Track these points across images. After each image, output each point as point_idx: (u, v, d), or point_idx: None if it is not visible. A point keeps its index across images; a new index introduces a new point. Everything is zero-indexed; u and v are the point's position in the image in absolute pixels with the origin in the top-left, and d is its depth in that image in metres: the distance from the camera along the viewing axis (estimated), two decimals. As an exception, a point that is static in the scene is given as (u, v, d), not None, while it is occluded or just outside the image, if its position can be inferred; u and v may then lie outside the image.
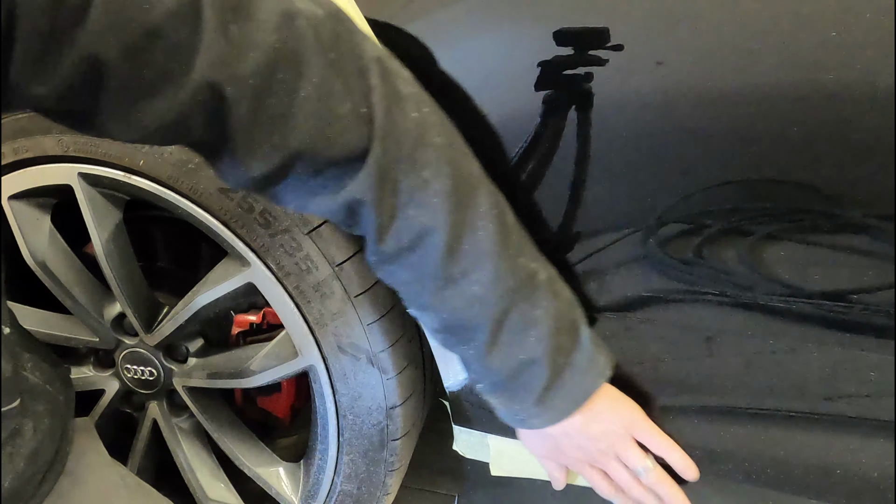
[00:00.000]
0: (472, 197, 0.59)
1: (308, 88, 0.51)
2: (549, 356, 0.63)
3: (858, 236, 0.64)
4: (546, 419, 0.67)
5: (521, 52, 0.66)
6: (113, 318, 1.00)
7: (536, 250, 0.65)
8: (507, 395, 0.67)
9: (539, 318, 0.63)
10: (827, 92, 0.59)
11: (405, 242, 0.59)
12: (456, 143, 0.61)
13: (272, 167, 0.54)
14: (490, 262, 0.60)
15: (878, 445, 0.69)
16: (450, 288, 0.60)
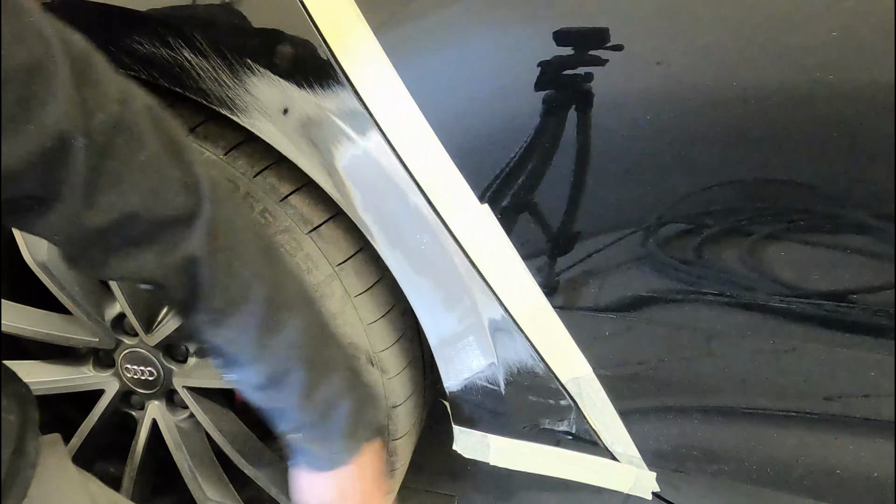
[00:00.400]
0: (272, 257, 0.66)
1: (145, 154, 0.56)
2: (348, 391, 0.69)
3: (858, 236, 0.64)
4: (353, 450, 0.71)
5: (521, 52, 0.66)
6: (113, 318, 1.00)
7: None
8: (324, 429, 0.70)
9: (337, 358, 0.69)
10: (827, 92, 0.59)
11: (236, 296, 0.63)
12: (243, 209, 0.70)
13: (108, 222, 0.56)
14: (304, 307, 0.67)
15: (878, 445, 0.69)
16: (274, 336, 0.65)
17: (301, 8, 0.69)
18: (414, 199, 0.73)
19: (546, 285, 0.74)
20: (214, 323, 0.65)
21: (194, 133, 0.80)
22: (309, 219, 0.80)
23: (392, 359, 0.86)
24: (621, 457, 0.80)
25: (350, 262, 0.82)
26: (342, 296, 0.82)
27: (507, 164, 0.70)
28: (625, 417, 0.77)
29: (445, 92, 0.69)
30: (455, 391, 0.83)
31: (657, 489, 0.79)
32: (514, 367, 0.78)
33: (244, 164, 0.80)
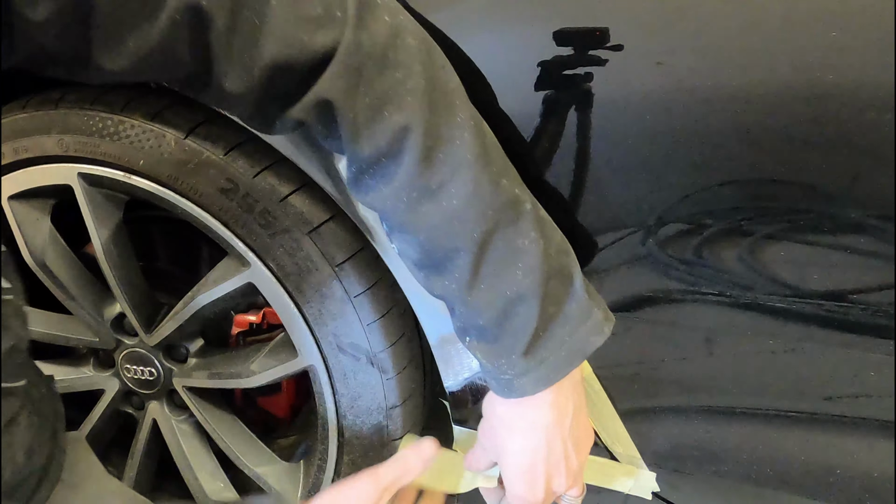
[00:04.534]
0: (447, 105, 0.57)
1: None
2: (539, 296, 0.58)
3: (858, 236, 0.64)
4: (536, 378, 0.60)
5: (521, 52, 0.66)
6: (113, 318, 1.00)
7: (522, 183, 0.61)
8: (494, 346, 0.61)
9: (525, 249, 0.58)
10: (827, 92, 0.59)
11: (381, 145, 0.56)
12: (433, 53, 0.58)
13: (253, 83, 0.54)
14: (468, 173, 0.56)
15: (878, 445, 0.69)
16: (427, 201, 0.57)
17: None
18: (414, 199, 0.73)
19: (546, 285, 0.74)
20: (361, 173, 0.59)
21: (194, 133, 0.80)
22: (309, 219, 0.80)
23: (392, 359, 0.86)
24: (621, 457, 0.80)
25: (350, 262, 0.82)
26: (342, 296, 0.82)
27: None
28: (625, 417, 0.77)
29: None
30: (455, 391, 0.83)
31: (657, 489, 0.79)
32: (514, 367, 0.78)
33: (244, 164, 0.80)
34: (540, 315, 0.58)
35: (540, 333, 0.59)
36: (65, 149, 0.85)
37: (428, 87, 0.56)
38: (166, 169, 0.82)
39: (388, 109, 0.55)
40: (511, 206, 0.58)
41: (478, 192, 0.57)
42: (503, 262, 0.58)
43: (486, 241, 0.57)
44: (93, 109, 0.83)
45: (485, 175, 0.57)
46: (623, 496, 0.81)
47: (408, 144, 0.55)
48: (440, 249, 0.59)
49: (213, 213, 0.82)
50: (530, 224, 0.58)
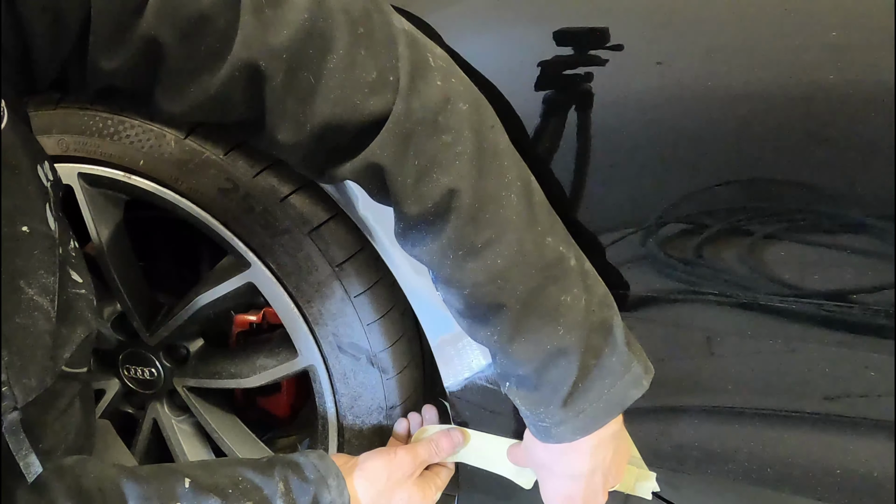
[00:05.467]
0: (496, 166, 0.58)
1: (335, 60, 0.54)
2: (578, 350, 0.60)
3: (858, 236, 0.64)
4: (574, 428, 0.63)
5: (521, 52, 0.66)
6: (113, 318, 1.00)
7: (570, 238, 0.63)
8: (534, 395, 0.63)
9: (568, 305, 0.59)
10: (827, 92, 0.59)
11: (428, 205, 0.58)
12: (483, 114, 0.59)
13: (304, 137, 0.57)
14: (514, 234, 0.58)
15: (878, 445, 0.69)
16: (472, 259, 0.59)
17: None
18: (414, 199, 0.73)
19: (546, 285, 0.74)
20: (409, 229, 0.61)
21: (194, 133, 0.80)
22: (309, 219, 0.80)
23: (392, 359, 0.86)
24: (621, 457, 0.80)
25: (350, 262, 0.82)
26: (342, 296, 0.82)
27: (507, 164, 0.70)
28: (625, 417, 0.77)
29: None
30: (455, 391, 0.83)
31: (657, 489, 0.79)
32: (514, 367, 0.78)
33: (244, 164, 0.80)
34: (580, 368, 0.61)
35: (579, 385, 0.61)
36: (65, 149, 0.85)
37: (476, 151, 0.57)
38: (166, 169, 0.82)
39: (436, 172, 0.57)
40: (555, 265, 0.60)
41: (522, 252, 0.58)
42: (545, 319, 0.60)
43: (529, 299, 0.59)
44: (93, 109, 0.83)
45: (530, 235, 0.59)
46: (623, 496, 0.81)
47: (455, 205, 0.57)
48: (483, 304, 0.61)
49: (213, 213, 0.82)
50: (573, 280, 0.61)
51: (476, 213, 0.58)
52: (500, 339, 0.62)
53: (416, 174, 0.57)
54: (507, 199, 0.58)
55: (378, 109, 0.55)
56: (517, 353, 0.61)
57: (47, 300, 0.55)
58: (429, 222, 0.59)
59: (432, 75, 0.57)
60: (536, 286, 0.59)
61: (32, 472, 0.55)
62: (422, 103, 0.56)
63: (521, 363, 0.62)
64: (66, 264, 0.62)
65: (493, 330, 0.62)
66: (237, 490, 0.64)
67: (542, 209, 0.61)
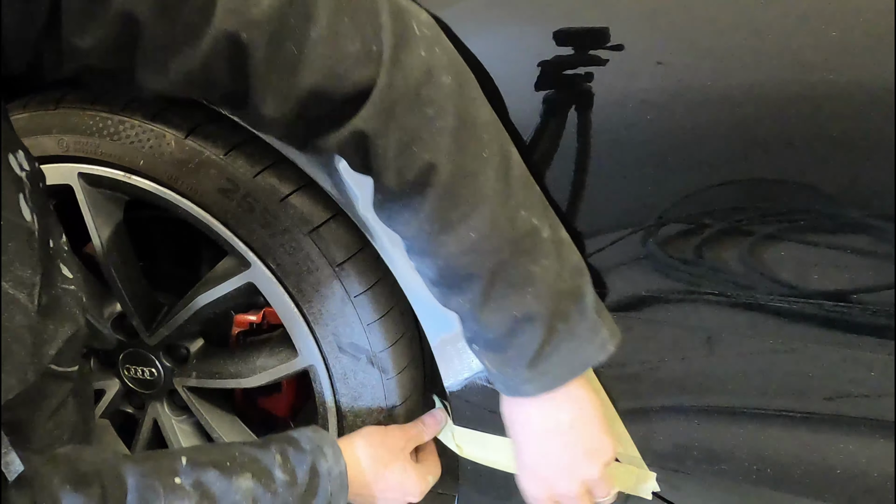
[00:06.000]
0: (475, 140, 0.59)
1: (318, 30, 0.53)
2: (545, 316, 0.62)
3: (858, 236, 0.64)
4: (537, 386, 0.66)
5: (521, 52, 0.66)
6: (113, 318, 1.00)
7: (545, 208, 0.64)
8: (500, 356, 0.65)
9: (537, 275, 0.62)
10: (827, 92, 0.59)
11: (408, 178, 0.59)
12: (466, 86, 0.60)
13: (289, 110, 0.56)
14: (488, 208, 0.60)
15: (878, 445, 0.69)
16: (447, 233, 0.61)
17: None
18: (414, 199, 0.73)
19: (546, 285, 0.74)
20: (386, 201, 0.62)
21: (194, 133, 0.80)
22: (309, 219, 0.80)
23: (392, 359, 0.86)
24: (621, 457, 0.80)
25: (350, 262, 0.82)
26: (342, 296, 0.82)
27: (507, 164, 0.70)
28: (625, 417, 0.77)
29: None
30: (455, 391, 0.83)
31: (657, 489, 0.79)
32: (514, 367, 0.78)
33: (244, 164, 0.80)
34: (547, 333, 0.63)
35: (545, 348, 0.63)
36: (65, 149, 0.85)
37: (457, 125, 0.58)
38: (166, 169, 0.81)
39: (417, 146, 0.58)
40: (527, 237, 0.61)
41: (495, 226, 0.60)
42: (515, 288, 0.62)
43: (499, 270, 0.61)
44: (93, 109, 0.83)
45: (503, 209, 0.60)
46: (623, 496, 0.81)
47: (433, 180, 0.59)
48: (456, 275, 0.63)
49: (213, 213, 0.82)
50: (545, 251, 0.62)
51: (453, 188, 0.59)
52: (470, 306, 0.64)
53: (398, 147, 0.58)
54: (484, 175, 0.59)
55: (362, 81, 0.55)
56: (487, 319, 0.63)
57: (24, 294, 0.54)
58: (407, 195, 0.60)
59: (416, 46, 0.57)
60: (507, 257, 0.61)
61: (13, 470, 0.54)
62: (405, 76, 0.56)
63: (490, 328, 0.64)
64: (58, 258, 0.62)
65: (464, 298, 0.64)
66: (235, 463, 0.66)
67: (519, 182, 0.62)
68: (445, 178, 0.58)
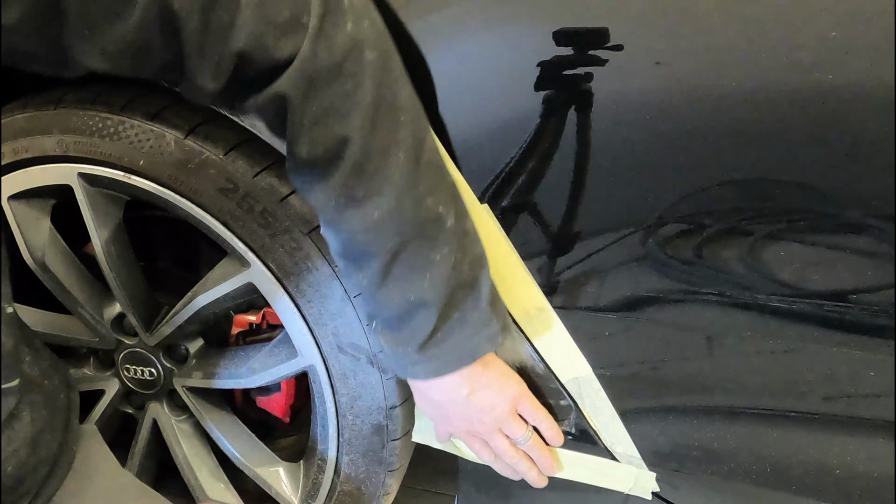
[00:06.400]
0: (391, 120, 0.60)
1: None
2: (439, 304, 0.64)
3: (858, 236, 0.64)
4: (427, 369, 0.69)
5: (521, 52, 0.66)
6: (113, 318, 1.00)
7: (454, 197, 0.65)
8: (394, 335, 0.68)
9: (435, 262, 0.63)
10: (827, 92, 0.59)
11: (319, 150, 0.60)
12: (389, 64, 0.61)
13: (222, 76, 0.56)
14: (394, 190, 0.61)
15: (878, 445, 0.69)
16: (352, 207, 0.62)
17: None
18: (414, 199, 0.73)
19: (546, 285, 0.74)
20: (298, 167, 0.63)
21: (194, 133, 0.80)
22: (309, 219, 0.80)
23: (392, 359, 0.86)
24: (621, 457, 0.80)
25: (350, 262, 0.82)
26: (342, 296, 0.82)
27: (507, 164, 0.70)
28: (625, 417, 0.77)
29: (445, 91, 0.69)
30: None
31: (657, 489, 0.79)
32: (514, 367, 0.78)
33: (244, 164, 0.80)
34: (439, 319, 0.65)
35: (436, 334, 0.66)
36: (65, 149, 0.85)
37: (374, 103, 0.59)
38: (166, 169, 0.81)
39: (332, 118, 0.58)
40: (430, 224, 0.63)
41: (399, 209, 0.61)
42: (411, 271, 0.64)
43: (398, 252, 0.63)
44: (93, 109, 0.83)
45: (409, 193, 0.62)
46: (623, 496, 0.81)
47: (344, 154, 0.59)
48: (357, 250, 0.65)
49: (213, 213, 0.82)
50: (447, 240, 0.64)
51: (362, 165, 0.60)
52: (368, 284, 0.66)
53: (314, 117, 0.58)
54: (395, 156, 0.60)
55: (287, 51, 0.56)
56: (383, 298, 0.66)
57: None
58: (318, 166, 0.61)
59: (344, 18, 0.57)
60: (409, 241, 0.63)
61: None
62: (329, 47, 0.56)
63: (386, 308, 0.66)
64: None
65: (363, 274, 0.66)
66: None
67: (429, 168, 0.63)
68: (356, 153, 0.59)
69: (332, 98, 0.58)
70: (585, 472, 0.81)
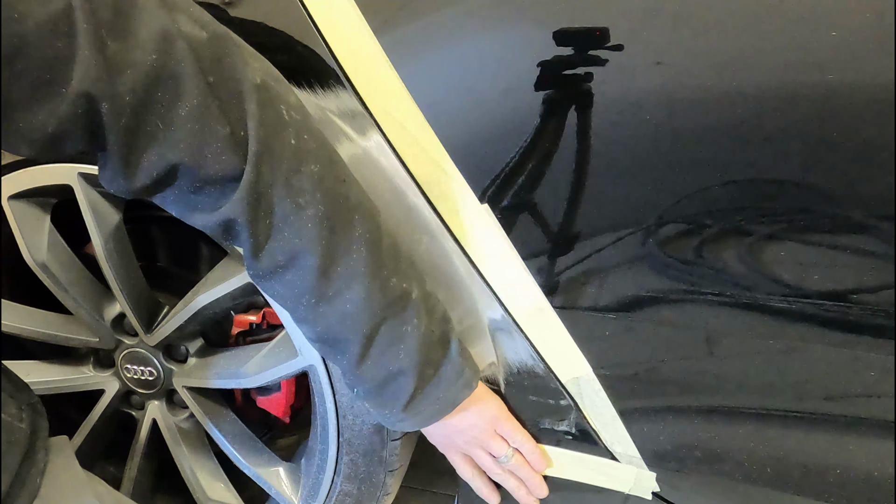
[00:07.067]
0: (346, 223, 0.62)
1: (186, 108, 0.53)
2: (416, 368, 0.68)
3: (858, 236, 0.64)
4: (413, 423, 0.72)
5: (521, 52, 0.66)
6: (113, 318, 1.00)
7: (412, 267, 0.69)
8: (377, 401, 0.71)
9: (407, 333, 0.67)
10: (827, 92, 0.59)
11: (280, 261, 0.61)
12: (334, 170, 0.63)
13: (151, 180, 0.56)
14: (362, 283, 0.63)
15: (878, 445, 0.69)
16: (324, 305, 0.64)
17: (301, 8, 0.69)
18: (414, 199, 0.73)
19: (546, 285, 0.74)
20: (262, 278, 0.64)
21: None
22: (309, 219, 0.80)
23: (392, 359, 0.86)
24: (621, 457, 0.80)
25: (350, 262, 0.82)
26: (342, 296, 0.82)
27: (507, 164, 0.70)
28: (625, 417, 0.77)
29: (445, 92, 0.69)
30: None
31: (657, 489, 0.79)
32: (514, 367, 0.78)
33: (244, 164, 0.80)
34: (417, 382, 0.69)
35: (417, 394, 0.70)
36: (65, 149, 0.85)
37: (328, 211, 0.60)
38: (166, 169, 0.81)
39: (288, 232, 0.60)
40: (398, 301, 0.66)
41: (369, 297, 0.64)
42: (388, 347, 0.67)
43: (373, 333, 0.66)
44: (93, 109, 0.83)
45: (376, 282, 0.64)
46: (623, 496, 0.81)
47: (306, 264, 0.61)
48: (333, 338, 0.67)
49: (213, 213, 0.82)
50: (414, 311, 0.67)
51: (327, 269, 0.62)
52: (347, 364, 0.69)
53: (268, 232, 0.60)
54: (357, 253, 0.63)
55: (230, 167, 0.56)
56: (362, 374, 0.68)
57: None
58: (281, 274, 0.63)
59: (285, 134, 0.58)
60: (380, 321, 0.66)
61: None
62: (273, 166, 0.57)
63: (366, 381, 0.69)
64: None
65: (341, 357, 0.69)
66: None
67: (388, 253, 0.66)
68: (319, 261, 0.61)
69: (286, 213, 0.59)
70: (585, 472, 0.81)
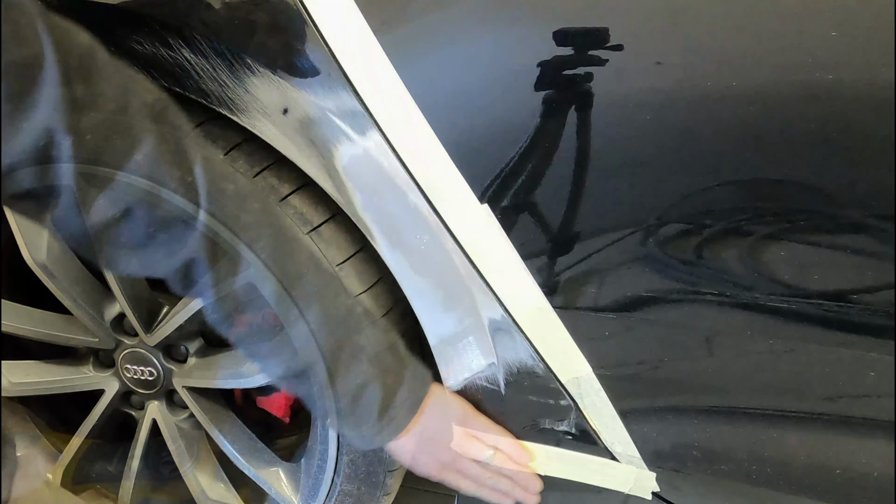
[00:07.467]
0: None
1: (142, 155, 0.58)
2: (380, 377, 0.72)
3: (858, 236, 0.64)
4: (389, 432, 0.75)
5: (521, 52, 0.66)
6: (113, 318, 1.00)
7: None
8: (353, 418, 0.74)
9: (362, 342, 0.72)
10: (827, 92, 0.59)
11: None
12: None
13: (104, 223, 0.59)
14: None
15: (878, 445, 0.69)
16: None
17: (301, 8, 0.69)
18: (414, 199, 0.73)
19: (546, 285, 0.74)
20: (221, 321, 0.67)
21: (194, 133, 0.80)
22: (309, 219, 0.80)
23: (392, 359, 0.86)
24: (621, 457, 0.80)
25: (350, 262, 0.82)
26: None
27: (507, 164, 0.70)
28: (625, 417, 0.77)
29: (445, 92, 0.69)
30: (455, 391, 0.83)
31: (657, 489, 0.79)
32: (514, 367, 0.78)
33: (244, 164, 0.80)
34: (383, 389, 0.72)
35: (386, 400, 0.73)
36: (65, 149, 0.85)
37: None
38: (166, 169, 0.81)
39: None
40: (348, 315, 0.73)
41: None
42: (350, 363, 0.71)
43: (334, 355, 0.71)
44: (93, 109, 0.83)
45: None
46: (623, 496, 0.81)
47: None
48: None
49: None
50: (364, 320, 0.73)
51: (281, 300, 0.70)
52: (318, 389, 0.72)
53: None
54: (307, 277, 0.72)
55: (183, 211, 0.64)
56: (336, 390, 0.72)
57: None
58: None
59: None
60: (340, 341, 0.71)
61: None
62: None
63: (339, 400, 0.73)
64: None
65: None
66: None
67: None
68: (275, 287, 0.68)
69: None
70: (585, 472, 0.81)
